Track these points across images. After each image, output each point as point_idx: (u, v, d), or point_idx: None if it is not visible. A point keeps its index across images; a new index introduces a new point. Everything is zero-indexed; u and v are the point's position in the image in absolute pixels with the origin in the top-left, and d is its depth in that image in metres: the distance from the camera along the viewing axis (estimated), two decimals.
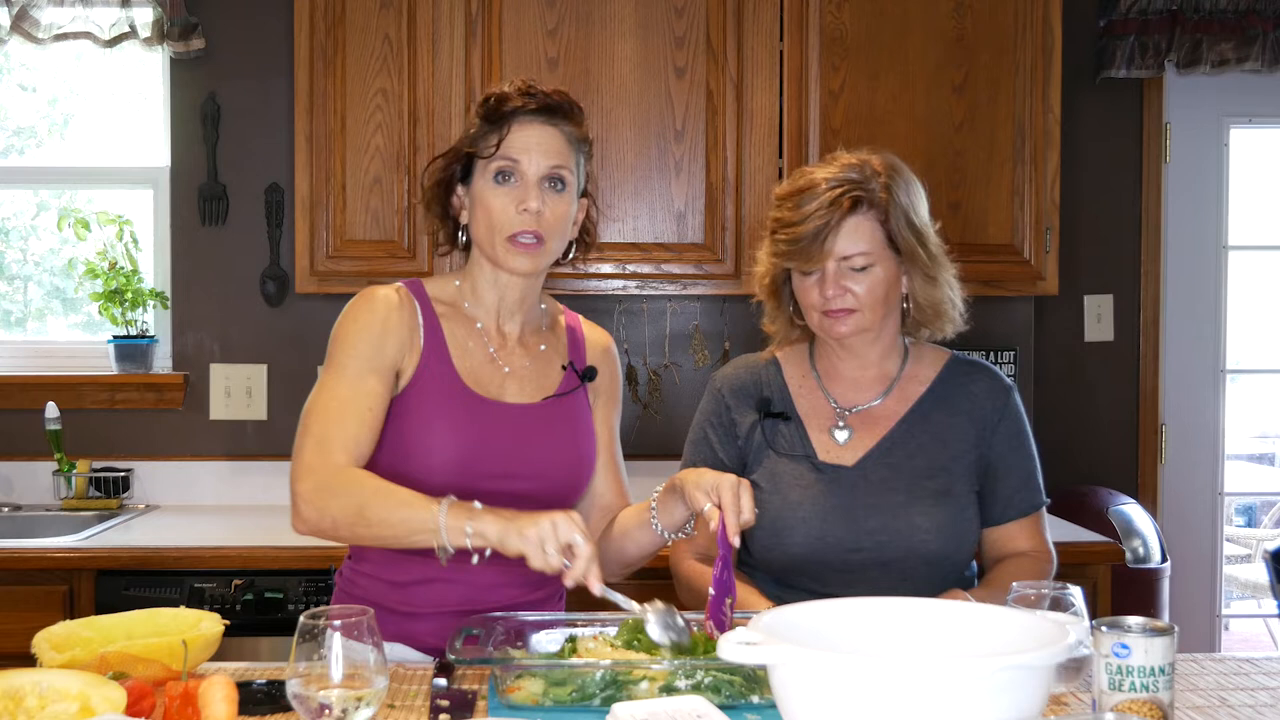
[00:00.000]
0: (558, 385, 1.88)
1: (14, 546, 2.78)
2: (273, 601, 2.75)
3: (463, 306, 1.87)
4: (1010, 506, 1.97)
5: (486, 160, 1.79)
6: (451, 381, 1.80)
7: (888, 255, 1.89)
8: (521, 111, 1.78)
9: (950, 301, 1.96)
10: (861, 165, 1.89)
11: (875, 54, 3.13)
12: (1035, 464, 2.00)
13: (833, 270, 1.87)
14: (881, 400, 1.98)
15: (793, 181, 1.93)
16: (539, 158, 1.79)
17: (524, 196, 1.77)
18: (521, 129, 1.79)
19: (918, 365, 2.01)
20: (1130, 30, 3.58)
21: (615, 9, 3.08)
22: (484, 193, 1.80)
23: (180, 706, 1.39)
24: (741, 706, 1.48)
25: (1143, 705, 1.34)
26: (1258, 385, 4.19)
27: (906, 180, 1.92)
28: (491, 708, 1.49)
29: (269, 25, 3.36)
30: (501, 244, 1.79)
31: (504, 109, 1.79)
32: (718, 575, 1.60)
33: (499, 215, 1.78)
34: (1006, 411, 1.97)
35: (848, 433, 1.96)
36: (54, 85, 3.58)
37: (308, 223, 3.06)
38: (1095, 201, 3.70)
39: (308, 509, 1.67)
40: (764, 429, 1.97)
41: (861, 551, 1.88)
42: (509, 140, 1.78)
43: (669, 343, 3.45)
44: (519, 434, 1.81)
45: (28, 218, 3.63)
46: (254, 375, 3.41)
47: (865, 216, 1.87)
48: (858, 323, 1.89)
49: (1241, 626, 5.08)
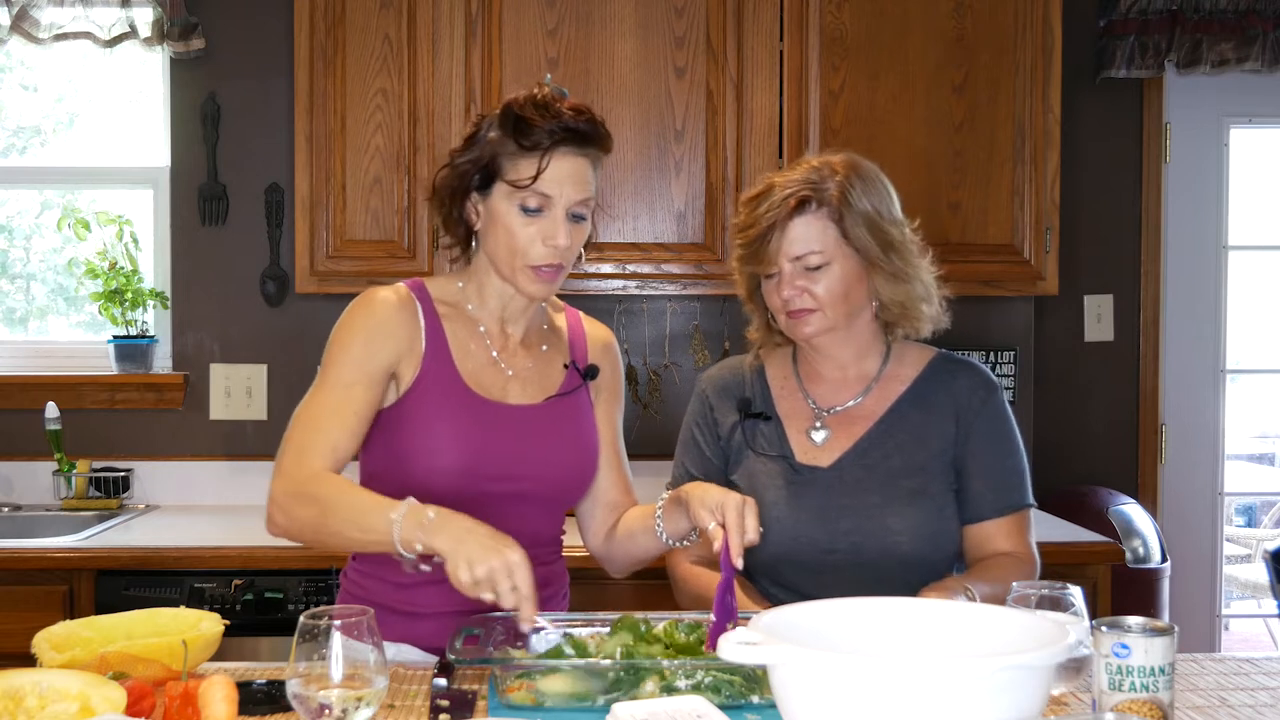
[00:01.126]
0: (560, 385, 1.88)
1: (14, 546, 2.78)
2: (273, 601, 2.75)
3: (465, 308, 1.86)
4: (985, 504, 1.92)
5: (518, 189, 1.73)
6: (454, 384, 1.79)
7: (845, 253, 1.88)
8: (562, 144, 1.72)
9: (923, 299, 1.94)
10: (821, 166, 1.90)
11: (875, 54, 3.13)
12: (1018, 463, 1.96)
13: (788, 271, 1.88)
14: (860, 400, 1.97)
15: (754, 188, 1.94)
16: (570, 191, 1.73)
17: (553, 232, 1.73)
18: (559, 161, 1.72)
19: (899, 365, 2.00)
20: (1130, 30, 3.58)
21: (615, 9, 3.08)
22: (508, 218, 1.75)
23: (180, 706, 1.39)
24: (741, 706, 1.48)
25: (1143, 705, 1.34)
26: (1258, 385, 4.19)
27: (865, 179, 1.90)
28: (491, 708, 1.49)
29: (269, 25, 3.36)
30: (522, 270, 1.76)
31: (539, 135, 1.71)
32: (720, 600, 1.57)
33: (524, 244, 1.74)
34: (986, 409, 1.95)
35: (825, 433, 1.96)
36: (55, 85, 3.58)
37: (308, 223, 3.06)
38: (1095, 201, 3.70)
39: (278, 514, 1.68)
40: (744, 429, 1.99)
41: (836, 553, 1.88)
42: (546, 174, 1.71)
43: (669, 343, 3.45)
44: (522, 435, 1.80)
45: (31, 217, 3.64)
46: (254, 375, 3.41)
47: (815, 215, 1.87)
48: (820, 322, 1.89)
49: (1241, 626, 5.08)
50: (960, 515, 1.94)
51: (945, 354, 2.02)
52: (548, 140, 1.71)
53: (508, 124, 1.74)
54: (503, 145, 1.74)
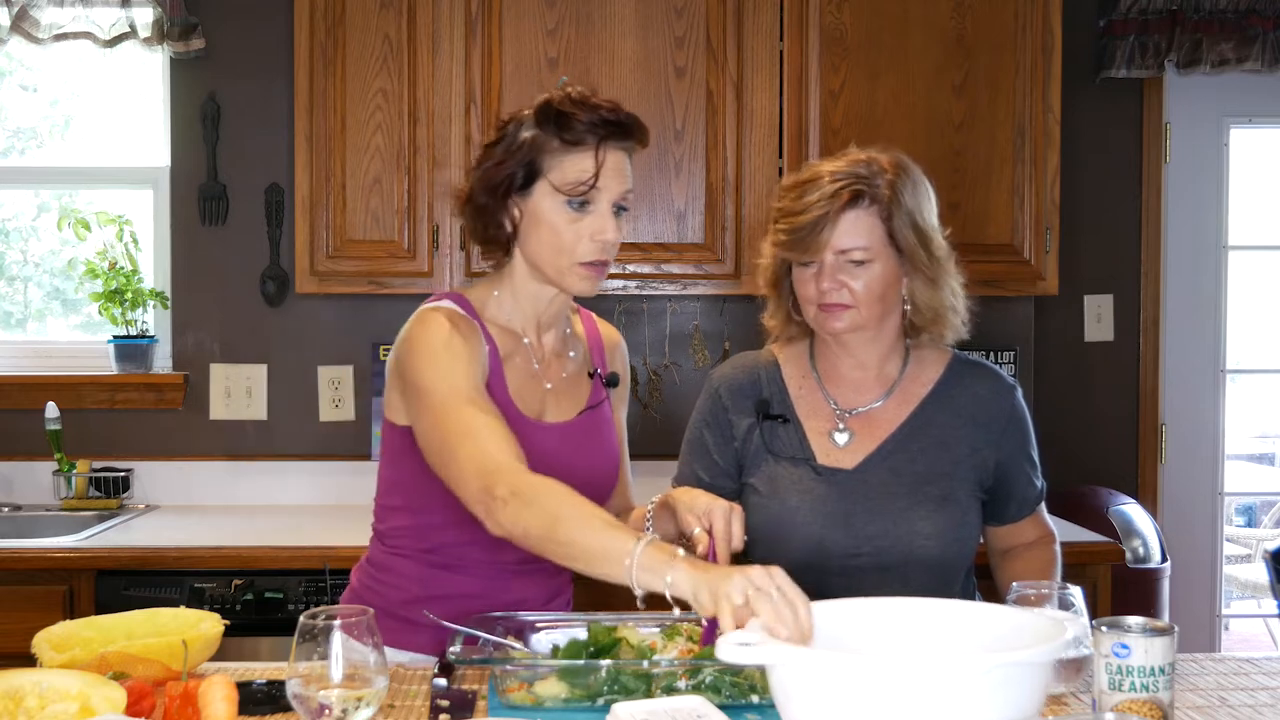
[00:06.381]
0: (588, 396, 1.87)
1: (14, 546, 2.78)
2: (273, 601, 2.75)
3: (506, 319, 1.82)
4: (1025, 505, 1.99)
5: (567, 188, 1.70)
6: (507, 407, 1.75)
7: (888, 253, 1.86)
8: (609, 137, 1.71)
9: (952, 308, 1.93)
10: (869, 161, 1.88)
11: (875, 54, 3.13)
12: (1036, 455, 2.01)
13: (830, 263, 1.85)
14: (883, 402, 1.95)
15: (799, 173, 1.91)
16: (615, 184, 1.73)
17: (602, 227, 1.72)
18: (609, 155, 1.71)
19: (919, 367, 1.98)
20: (1130, 30, 3.58)
21: (615, 9, 3.08)
22: (553, 215, 1.72)
23: (180, 706, 1.39)
24: (741, 706, 1.48)
25: (1143, 705, 1.34)
26: (1258, 385, 4.19)
27: (914, 181, 1.90)
28: (491, 708, 1.49)
29: (269, 25, 3.36)
30: (570, 268, 1.73)
31: (582, 129, 1.69)
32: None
33: (571, 241, 1.72)
34: (1014, 414, 1.96)
35: (848, 435, 1.93)
36: (54, 85, 3.58)
37: (308, 223, 3.06)
38: (1095, 201, 3.70)
39: (504, 515, 1.54)
40: (762, 431, 1.95)
41: (860, 556, 1.87)
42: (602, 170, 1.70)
43: (669, 343, 3.45)
44: (560, 454, 1.77)
45: (28, 218, 3.63)
46: (254, 375, 3.41)
47: (866, 211, 1.84)
48: (852, 319, 1.87)
49: (1241, 626, 5.08)
50: (996, 518, 1.99)
51: (959, 356, 2.02)
52: (593, 135, 1.70)
53: (548, 121, 1.71)
54: (544, 143, 1.71)
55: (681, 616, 1.65)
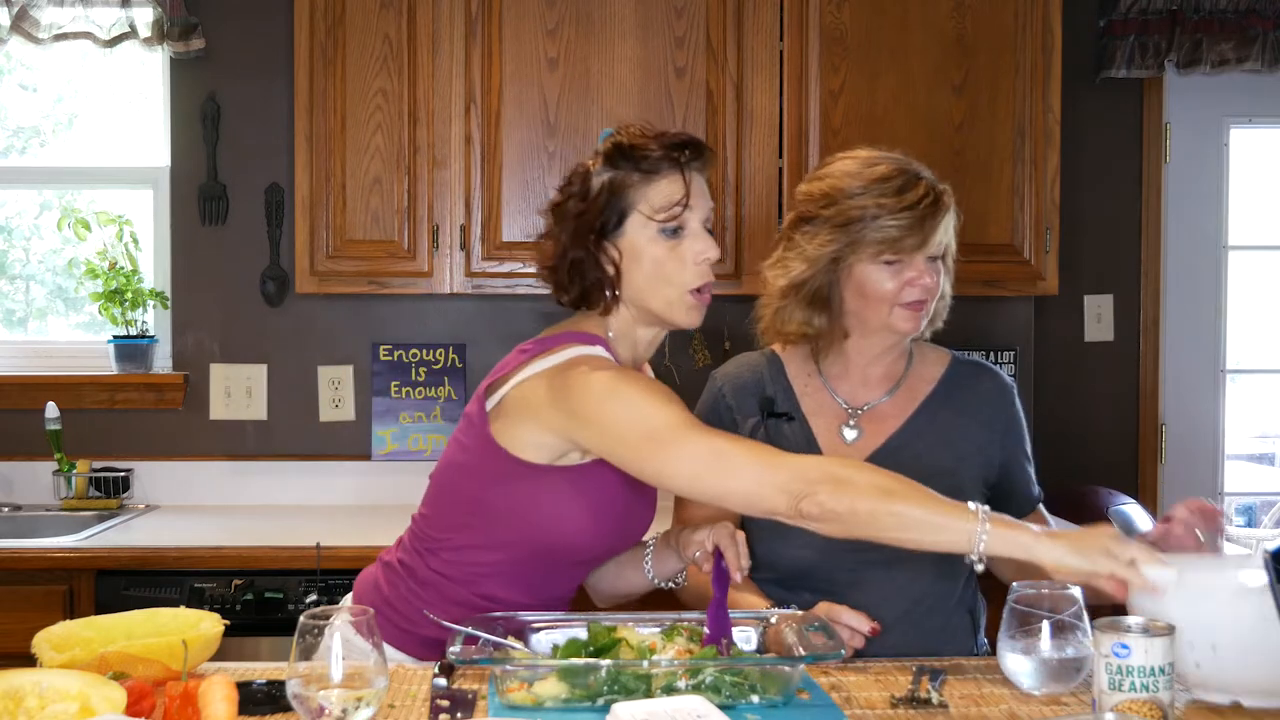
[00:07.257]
0: None
1: (14, 546, 2.78)
2: (273, 601, 2.74)
3: (622, 360, 1.78)
4: (1027, 502, 2.00)
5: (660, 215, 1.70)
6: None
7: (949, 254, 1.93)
8: (693, 161, 1.72)
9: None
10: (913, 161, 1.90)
11: (875, 54, 3.13)
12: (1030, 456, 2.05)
13: (923, 263, 1.86)
14: (888, 398, 1.96)
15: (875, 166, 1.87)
16: (701, 203, 1.73)
17: (701, 248, 1.71)
18: (694, 179, 1.72)
19: (923, 364, 2.01)
20: (1130, 30, 3.58)
21: (615, 9, 3.08)
22: (652, 247, 1.71)
23: (180, 706, 1.39)
24: (741, 707, 1.48)
25: (1143, 705, 1.34)
26: (1258, 385, 4.18)
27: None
28: (491, 708, 1.49)
29: (269, 25, 3.36)
30: (680, 299, 1.72)
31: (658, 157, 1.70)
32: (713, 616, 1.61)
33: (676, 269, 1.70)
34: (1014, 412, 2.00)
35: (857, 432, 1.95)
36: (54, 85, 3.58)
37: (308, 223, 3.06)
38: (1095, 201, 3.70)
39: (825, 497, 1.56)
40: (767, 429, 1.95)
41: (868, 552, 1.85)
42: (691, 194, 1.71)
43: (669, 343, 3.44)
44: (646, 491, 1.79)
45: (30, 218, 3.63)
46: (254, 375, 3.41)
47: (949, 214, 1.89)
48: (925, 317, 1.90)
49: None
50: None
51: (959, 355, 2.05)
52: (670, 159, 1.70)
53: (622, 159, 1.71)
54: (624, 179, 1.71)
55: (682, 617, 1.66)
